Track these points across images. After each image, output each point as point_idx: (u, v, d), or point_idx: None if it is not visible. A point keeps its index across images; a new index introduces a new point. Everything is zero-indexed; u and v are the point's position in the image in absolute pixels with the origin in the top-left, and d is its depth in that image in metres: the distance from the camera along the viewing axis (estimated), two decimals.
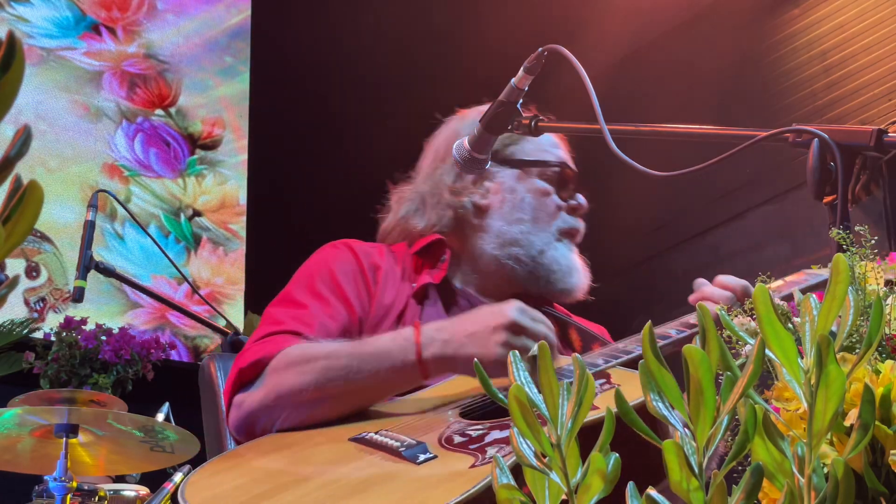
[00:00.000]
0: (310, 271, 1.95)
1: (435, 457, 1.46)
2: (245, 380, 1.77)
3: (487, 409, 1.63)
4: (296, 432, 1.69)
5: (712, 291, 1.82)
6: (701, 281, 1.87)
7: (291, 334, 1.81)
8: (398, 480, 1.42)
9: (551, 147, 2.10)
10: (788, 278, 1.92)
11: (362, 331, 1.89)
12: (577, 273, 2.03)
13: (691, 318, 1.82)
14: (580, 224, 2.07)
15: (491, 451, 1.44)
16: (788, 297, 1.85)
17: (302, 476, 1.52)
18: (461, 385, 1.72)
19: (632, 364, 1.68)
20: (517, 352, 0.89)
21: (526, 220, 2.01)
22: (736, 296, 1.80)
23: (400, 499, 1.38)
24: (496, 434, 1.50)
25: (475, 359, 1.62)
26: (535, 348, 1.58)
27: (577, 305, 2.21)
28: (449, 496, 1.31)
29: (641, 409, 0.85)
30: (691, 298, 1.85)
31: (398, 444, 1.51)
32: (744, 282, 1.83)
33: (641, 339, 1.76)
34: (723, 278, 1.85)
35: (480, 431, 1.52)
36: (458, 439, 1.51)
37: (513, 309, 1.68)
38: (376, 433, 1.57)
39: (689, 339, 1.78)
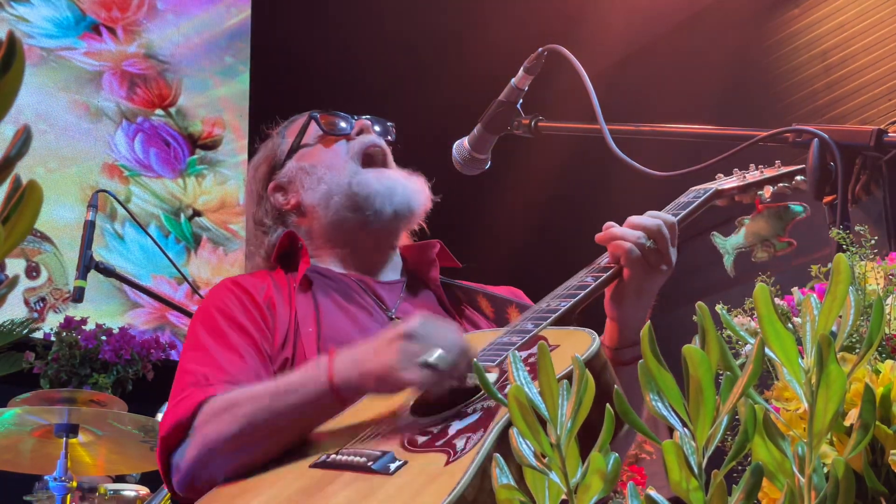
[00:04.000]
0: (203, 316, 1.94)
1: (405, 462, 1.43)
2: (172, 444, 1.75)
3: (436, 403, 1.59)
4: (250, 477, 1.64)
5: (623, 232, 1.76)
6: (610, 223, 1.80)
7: (202, 386, 1.78)
8: (378, 495, 1.38)
9: (295, 118, 2.19)
10: (680, 200, 1.88)
11: (270, 354, 1.87)
12: (400, 187, 2.00)
13: (604, 261, 1.77)
14: (372, 138, 2.08)
15: (459, 443, 1.41)
16: (684, 218, 1.82)
17: None
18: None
19: (560, 322, 1.64)
20: (517, 352, 0.89)
21: (324, 175, 2.04)
22: (648, 234, 1.74)
23: None
24: (457, 425, 1.47)
25: (377, 373, 1.59)
26: (435, 354, 1.55)
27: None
28: (437, 498, 1.29)
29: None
30: (598, 237, 1.78)
31: (364, 458, 1.47)
32: (657, 220, 1.76)
33: (563, 294, 1.70)
34: (634, 218, 1.79)
35: (440, 426, 1.49)
36: (421, 439, 1.47)
37: (415, 320, 1.63)
38: (336, 454, 1.53)
39: (607, 282, 1.74)
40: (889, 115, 4.61)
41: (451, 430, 1.46)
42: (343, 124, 2.11)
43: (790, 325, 1.10)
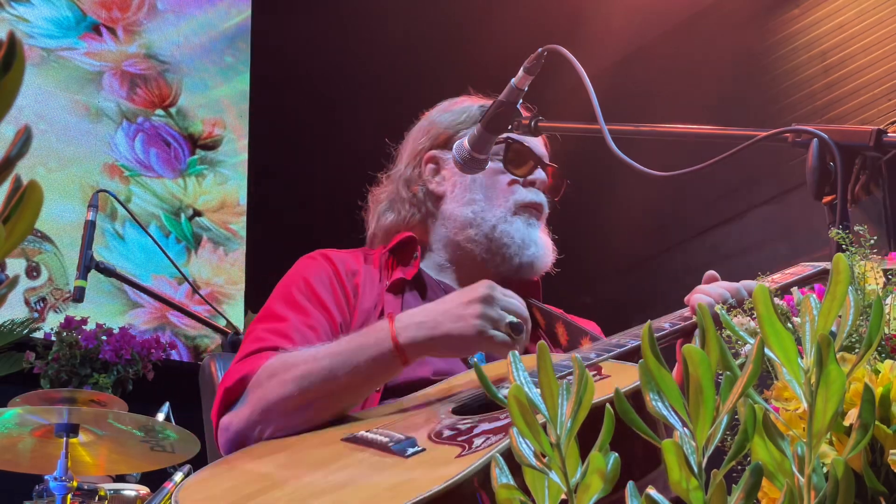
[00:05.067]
0: (287, 284, 1.96)
1: (423, 450, 1.46)
2: (231, 398, 1.77)
3: (479, 405, 1.63)
4: (289, 437, 1.69)
5: (708, 288, 1.82)
6: (712, 274, 1.86)
7: (272, 350, 1.81)
8: (385, 473, 1.43)
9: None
10: (788, 270, 1.91)
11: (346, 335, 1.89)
12: (534, 246, 2.03)
13: (685, 312, 1.82)
14: (540, 197, 2.07)
15: (478, 441, 1.43)
16: (787, 289, 1.85)
17: (292, 475, 1.52)
18: (455, 383, 1.72)
19: (624, 357, 1.68)
20: (516, 352, 0.89)
21: (479, 200, 2.03)
22: (732, 294, 1.79)
23: (383, 488, 1.39)
24: (485, 426, 1.50)
25: (456, 336, 1.64)
26: (509, 318, 1.61)
27: (572, 303, 2.20)
28: (432, 483, 1.31)
29: (631, 396, 0.86)
30: (687, 298, 1.85)
31: (387, 439, 1.51)
32: (744, 284, 1.82)
33: (635, 333, 1.76)
34: (720, 283, 1.86)
35: (469, 424, 1.52)
36: (447, 433, 1.51)
37: (484, 285, 1.69)
38: (367, 431, 1.57)
39: (682, 332, 1.79)
40: (889, 115, 4.61)
41: (477, 430, 1.49)
42: (526, 167, 2.07)
43: (790, 325, 1.10)
